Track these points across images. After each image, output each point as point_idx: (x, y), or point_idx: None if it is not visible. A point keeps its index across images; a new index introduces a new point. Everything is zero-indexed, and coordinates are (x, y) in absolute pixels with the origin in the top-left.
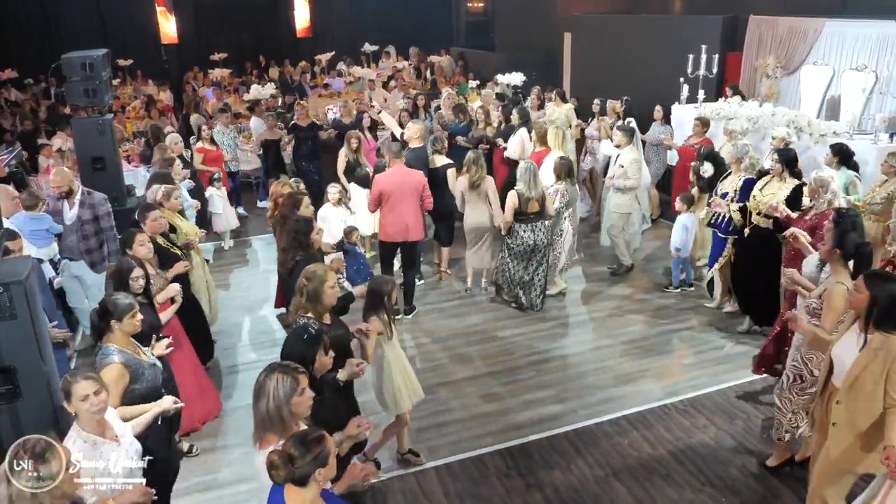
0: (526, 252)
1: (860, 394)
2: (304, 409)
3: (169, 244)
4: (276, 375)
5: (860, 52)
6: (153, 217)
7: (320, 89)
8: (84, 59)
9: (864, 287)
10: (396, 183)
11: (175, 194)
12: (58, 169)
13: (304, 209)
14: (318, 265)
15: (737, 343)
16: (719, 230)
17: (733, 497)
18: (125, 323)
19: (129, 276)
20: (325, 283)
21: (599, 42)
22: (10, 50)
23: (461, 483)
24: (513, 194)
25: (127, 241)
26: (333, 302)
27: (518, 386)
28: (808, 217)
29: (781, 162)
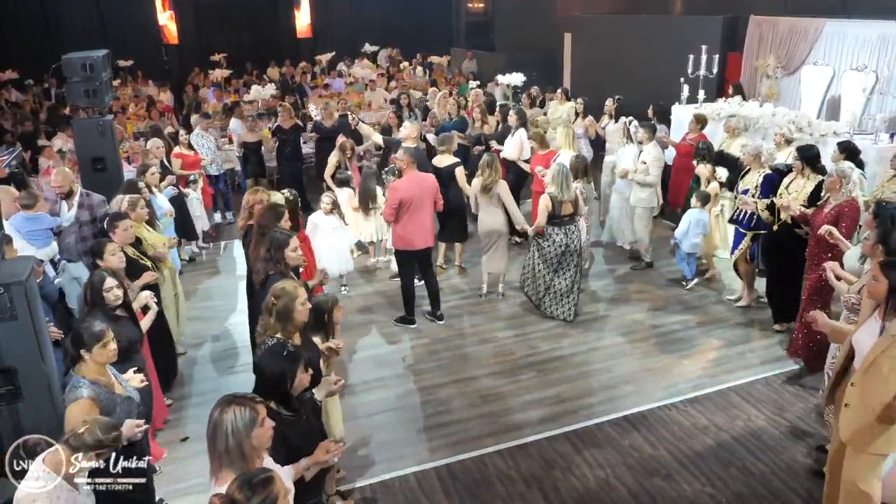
0: (558, 256)
1: (875, 377)
2: (266, 441)
3: (137, 255)
4: (232, 409)
5: (860, 52)
6: (124, 227)
7: (320, 90)
8: (84, 59)
9: (882, 275)
10: (415, 190)
11: (140, 204)
12: (59, 169)
13: (285, 224)
14: (287, 281)
15: (737, 344)
16: (741, 226)
17: (734, 497)
18: (95, 353)
19: (102, 287)
20: (295, 300)
21: (599, 42)
22: (10, 50)
23: (461, 483)
24: (546, 199)
25: (97, 251)
26: (305, 319)
27: (518, 386)
28: (826, 210)
29: (801, 159)
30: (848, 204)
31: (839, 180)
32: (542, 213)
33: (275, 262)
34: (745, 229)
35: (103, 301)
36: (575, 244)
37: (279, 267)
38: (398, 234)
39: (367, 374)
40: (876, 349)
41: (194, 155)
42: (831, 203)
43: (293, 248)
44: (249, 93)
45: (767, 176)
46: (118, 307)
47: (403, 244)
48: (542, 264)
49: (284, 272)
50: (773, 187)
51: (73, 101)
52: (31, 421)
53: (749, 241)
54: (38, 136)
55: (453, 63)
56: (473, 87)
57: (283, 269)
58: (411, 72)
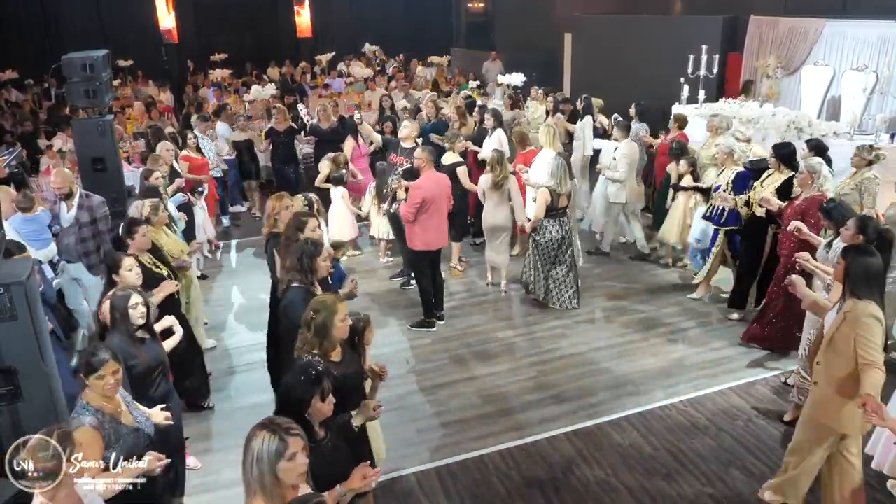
0: (554, 248)
1: (834, 354)
2: (295, 477)
3: (154, 263)
4: (262, 434)
5: (860, 52)
6: (142, 233)
7: (320, 90)
8: (84, 59)
9: (841, 258)
10: (435, 189)
11: (161, 208)
12: (59, 170)
13: (311, 233)
14: (327, 295)
15: (737, 344)
16: (713, 222)
17: (734, 498)
18: (92, 383)
19: (128, 305)
20: (335, 315)
21: (600, 42)
22: (10, 50)
23: (462, 483)
24: (545, 192)
25: (113, 266)
26: (344, 336)
27: (519, 386)
28: (797, 202)
29: (776, 156)
30: (818, 198)
31: (810, 176)
32: (541, 206)
33: (304, 272)
34: (716, 224)
35: (128, 320)
36: (568, 235)
37: (307, 278)
38: (417, 235)
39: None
40: (832, 327)
41: (202, 158)
42: (802, 197)
43: (324, 257)
44: (249, 93)
45: (740, 173)
46: (140, 328)
47: (423, 244)
48: (540, 257)
49: (310, 283)
50: (747, 183)
51: (73, 101)
52: (31, 421)
53: (723, 238)
54: (38, 136)
55: (454, 63)
56: (473, 87)
57: (309, 280)
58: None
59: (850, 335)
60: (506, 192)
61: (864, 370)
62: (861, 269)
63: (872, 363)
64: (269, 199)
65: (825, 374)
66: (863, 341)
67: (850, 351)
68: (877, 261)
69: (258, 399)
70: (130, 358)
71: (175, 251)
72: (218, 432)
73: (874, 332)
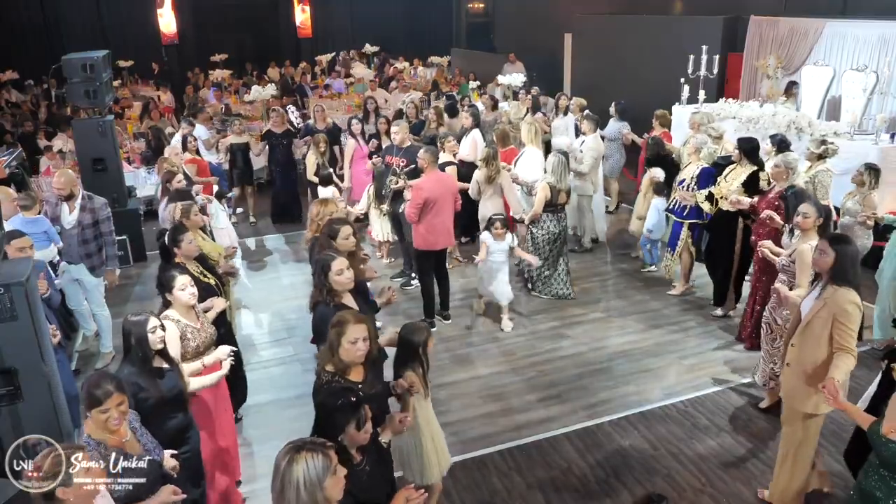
0: (550, 241)
1: (810, 337)
2: (338, 492)
3: (201, 271)
4: (304, 457)
5: (861, 52)
6: (188, 240)
7: (321, 90)
8: (84, 60)
9: (830, 249)
10: (438, 189)
11: (194, 210)
12: (62, 171)
13: (343, 241)
14: (348, 313)
15: (737, 344)
16: (675, 215)
17: (734, 498)
18: (94, 416)
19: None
20: (342, 336)
21: (600, 42)
22: (10, 51)
23: (462, 483)
24: (545, 187)
25: (166, 284)
26: (355, 361)
27: (519, 386)
28: (771, 195)
29: (740, 150)
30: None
31: (786, 171)
32: (540, 201)
33: (324, 289)
34: (679, 218)
35: (145, 346)
36: (564, 231)
37: (328, 295)
38: (420, 234)
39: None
40: (811, 312)
41: (202, 160)
42: (776, 190)
43: (337, 270)
44: (249, 93)
45: (705, 169)
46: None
47: (426, 244)
48: (535, 250)
49: (334, 299)
50: (711, 179)
51: (74, 101)
52: (31, 421)
53: (687, 231)
54: (38, 137)
55: (454, 63)
56: (474, 87)
57: (331, 295)
58: (412, 73)
59: (828, 320)
60: (498, 186)
61: (838, 354)
62: (848, 258)
63: (847, 348)
64: (313, 204)
65: (798, 356)
66: (842, 327)
67: (825, 335)
68: (855, 248)
69: (270, 397)
70: (140, 391)
71: (214, 255)
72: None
73: (853, 320)
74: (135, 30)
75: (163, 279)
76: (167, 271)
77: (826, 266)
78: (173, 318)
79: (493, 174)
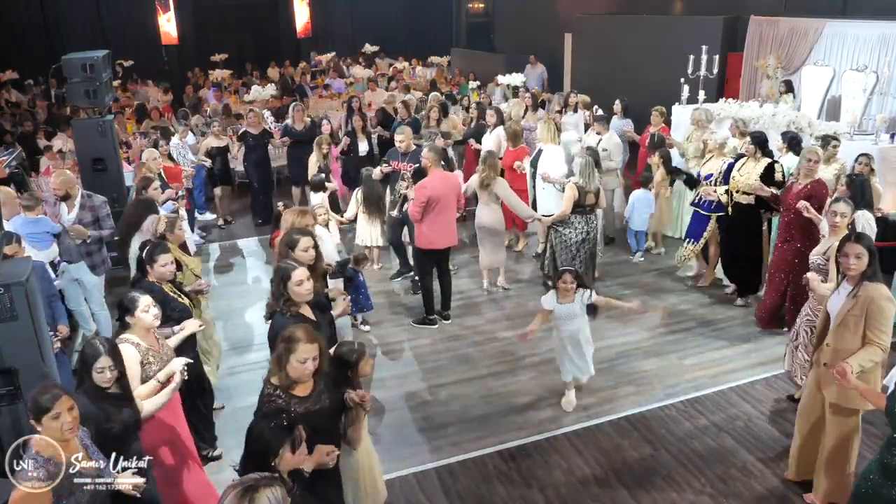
0: (577, 243)
1: (845, 334)
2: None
3: (176, 291)
4: (263, 493)
5: (861, 52)
6: (163, 262)
7: (321, 90)
8: (84, 60)
9: (865, 251)
10: (442, 188)
11: (178, 224)
12: (60, 172)
13: (301, 253)
14: (299, 328)
15: (737, 344)
16: (702, 209)
17: (734, 498)
18: (46, 425)
19: (94, 366)
20: (291, 353)
21: (600, 42)
22: (10, 51)
23: (462, 483)
24: (572, 187)
25: (129, 307)
26: (302, 377)
27: (519, 387)
28: (797, 189)
29: (754, 144)
30: (818, 183)
31: (816, 164)
32: (568, 201)
33: (281, 298)
34: (707, 212)
35: (91, 379)
36: (593, 233)
37: (287, 305)
38: (423, 233)
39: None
40: (843, 310)
41: (175, 166)
42: (801, 182)
43: (297, 280)
44: (249, 93)
45: (730, 164)
46: (108, 387)
47: (428, 243)
48: (562, 250)
49: (290, 309)
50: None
51: (74, 101)
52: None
53: (714, 224)
54: (38, 137)
55: (454, 63)
56: (474, 87)
57: (290, 307)
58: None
59: (861, 316)
60: (493, 193)
61: (867, 346)
62: (876, 255)
63: (877, 342)
64: (289, 212)
65: (834, 356)
66: (874, 322)
67: (860, 333)
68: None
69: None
70: (105, 421)
71: (197, 269)
72: (222, 433)
73: (886, 314)
74: (135, 30)
75: (125, 301)
76: (130, 294)
77: (863, 268)
78: (132, 342)
79: (487, 179)
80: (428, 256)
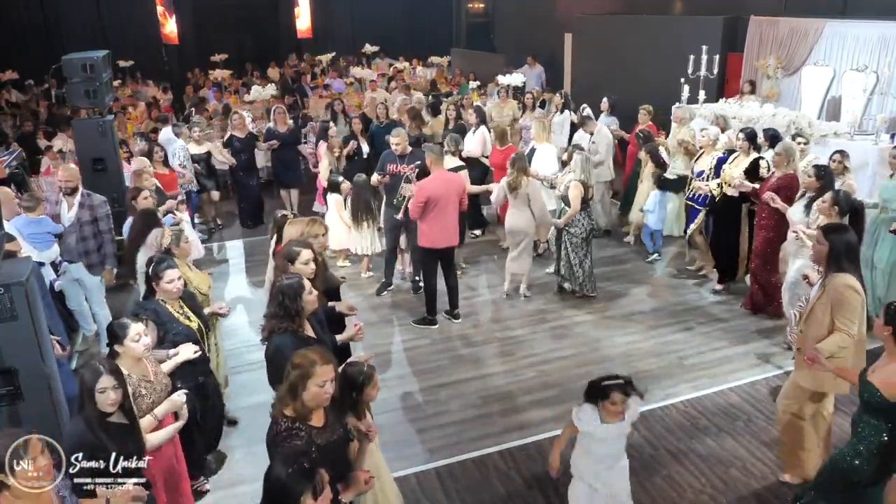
0: (586, 237)
1: (813, 323)
2: None
3: (185, 312)
4: None
5: (861, 52)
6: (168, 278)
7: (321, 90)
8: (85, 60)
9: (825, 239)
10: (442, 188)
11: (183, 237)
12: (65, 166)
13: (302, 266)
14: (311, 349)
15: (737, 344)
16: (696, 203)
17: (735, 498)
18: (19, 476)
19: (95, 387)
20: (309, 378)
21: (600, 42)
22: (10, 51)
23: (462, 484)
24: (578, 185)
25: (119, 334)
26: (321, 405)
27: (519, 387)
28: (772, 180)
29: (746, 139)
30: (789, 176)
31: (786, 157)
32: (577, 200)
33: (288, 317)
34: (701, 206)
35: (94, 404)
36: (594, 225)
37: (294, 322)
38: (423, 232)
39: None
40: (813, 299)
41: (170, 173)
42: (776, 175)
43: (308, 290)
44: (249, 93)
45: (720, 158)
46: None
47: (429, 242)
48: (573, 249)
49: (298, 326)
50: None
51: (74, 101)
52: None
53: (703, 217)
54: (38, 137)
55: (454, 63)
56: (474, 87)
57: (297, 323)
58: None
59: (828, 305)
60: (524, 196)
61: (835, 333)
62: (842, 246)
63: (844, 330)
64: (294, 223)
65: (805, 342)
66: (840, 311)
67: (827, 319)
68: (852, 236)
69: (260, 399)
70: (98, 451)
71: (203, 287)
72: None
73: (851, 302)
74: (135, 30)
75: (115, 327)
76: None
77: (823, 255)
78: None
79: (514, 182)
80: (430, 256)
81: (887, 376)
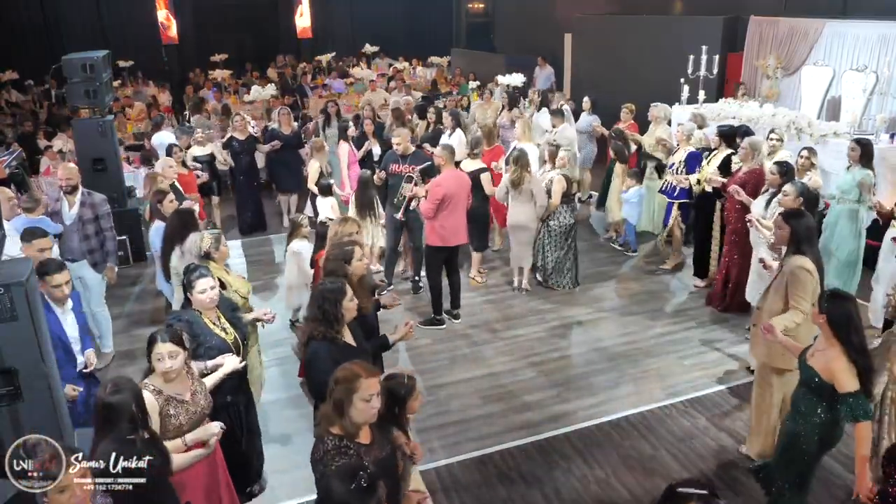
0: (565, 232)
1: (771, 300)
2: None
3: (221, 325)
4: None
5: (860, 52)
6: (200, 288)
7: (321, 90)
8: (85, 60)
9: (785, 224)
10: (456, 186)
11: (223, 241)
12: (64, 164)
13: (358, 263)
14: (357, 366)
15: (737, 344)
16: (668, 196)
17: (735, 498)
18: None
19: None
20: (354, 393)
21: (600, 42)
22: (10, 51)
23: (462, 484)
24: (561, 180)
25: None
26: (368, 421)
27: (518, 387)
28: (739, 175)
29: (720, 136)
30: (755, 171)
31: (751, 152)
32: (557, 194)
33: (328, 322)
34: (671, 198)
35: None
36: (576, 221)
37: (333, 328)
38: (434, 230)
39: None
40: (772, 280)
41: (189, 173)
42: (743, 170)
43: (350, 297)
44: (249, 93)
45: (691, 153)
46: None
47: (440, 240)
48: (551, 241)
49: (336, 333)
50: (698, 162)
51: (74, 101)
52: (31, 421)
53: (677, 210)
54: (38, 137)
55: (454, 63)
56: (474, 87)
57: (335, 329)
58: (412, 72)
59: (783, 283)
60: (527, 192)
61: (790, 310)
62: (802, 231)
63: (797, 307)
64: (332, 224)
65: (761, 318)
66: (794, 289)
67: (781, 297)
68: (811, 220)
69: (273, 396)
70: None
71: (243, 290)
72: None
73: (803, 281)
74: (135, 30)
75: (149, 339)
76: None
77: (784, 239)
78: (151, 389)
79: (517, 178)
80: (438, 254)
81: (826, 362)
